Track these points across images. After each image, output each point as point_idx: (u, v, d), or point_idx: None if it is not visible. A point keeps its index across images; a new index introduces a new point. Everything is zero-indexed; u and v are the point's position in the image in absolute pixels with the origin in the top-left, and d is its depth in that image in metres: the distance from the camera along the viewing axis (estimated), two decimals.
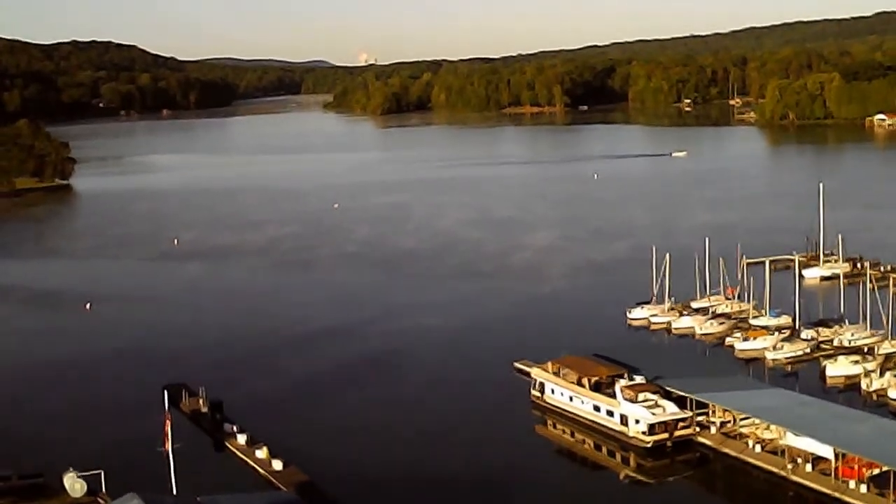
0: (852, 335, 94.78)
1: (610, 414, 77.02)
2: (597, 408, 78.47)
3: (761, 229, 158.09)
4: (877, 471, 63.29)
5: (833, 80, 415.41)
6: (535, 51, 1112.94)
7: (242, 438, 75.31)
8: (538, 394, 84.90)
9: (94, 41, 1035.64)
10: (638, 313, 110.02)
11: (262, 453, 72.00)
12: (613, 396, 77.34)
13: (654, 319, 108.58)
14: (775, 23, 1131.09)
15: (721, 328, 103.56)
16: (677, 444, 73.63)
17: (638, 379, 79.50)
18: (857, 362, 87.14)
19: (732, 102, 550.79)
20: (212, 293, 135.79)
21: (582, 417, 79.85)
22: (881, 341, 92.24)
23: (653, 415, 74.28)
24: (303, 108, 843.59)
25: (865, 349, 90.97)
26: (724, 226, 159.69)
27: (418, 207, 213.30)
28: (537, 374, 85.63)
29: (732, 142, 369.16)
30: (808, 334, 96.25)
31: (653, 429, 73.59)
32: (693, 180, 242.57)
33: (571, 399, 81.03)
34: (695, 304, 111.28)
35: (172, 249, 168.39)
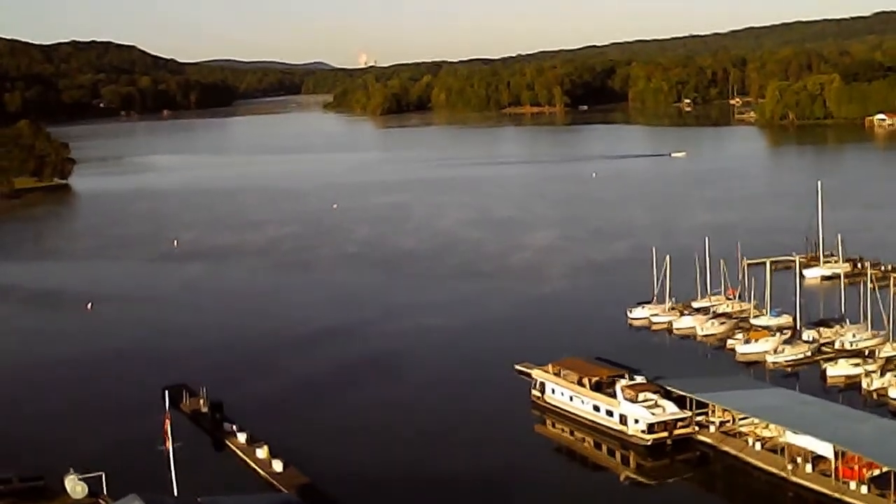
0: (854, 336, 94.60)
1: (610, 413, 77.01)
2: (597, 407, 78.43)
3: (761, 229, 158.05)
4: (877, 472, 63.28)
5: (833, 80, 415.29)
6: (535, 51, 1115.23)
7: (243, 438, 75.39)
8: (538, 394, 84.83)
9: (93, 42, 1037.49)
10: (638, 313, 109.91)
11: (262, 453, 72.05)
12: (614, 396, 77.37)
13: (654, 319, 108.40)
14: (775, 23, 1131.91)
15: (722, 328, 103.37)
16: (677, 444, 73.64)
17: (638, 379, 79.47)
18: (857, 364, 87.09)
19: (732, 103, 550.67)
20: (212, 293, 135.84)
21: (582, 417, 79.82)
22: (882, 343, 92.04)
23: (652, 414, 74.30)
24: (303, 109, 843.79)
25: (867, 352, 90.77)
26: (724, 226, 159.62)
27: (418, 207, 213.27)
28: (538, 374, 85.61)
29: (732, 142, 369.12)
30: (809, 335, 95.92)
31: (652, 428, 73.61)
32: (693, 180, 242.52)
33: (571, 399, 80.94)
34: (696, 304, 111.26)
35: (172, 249, 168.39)
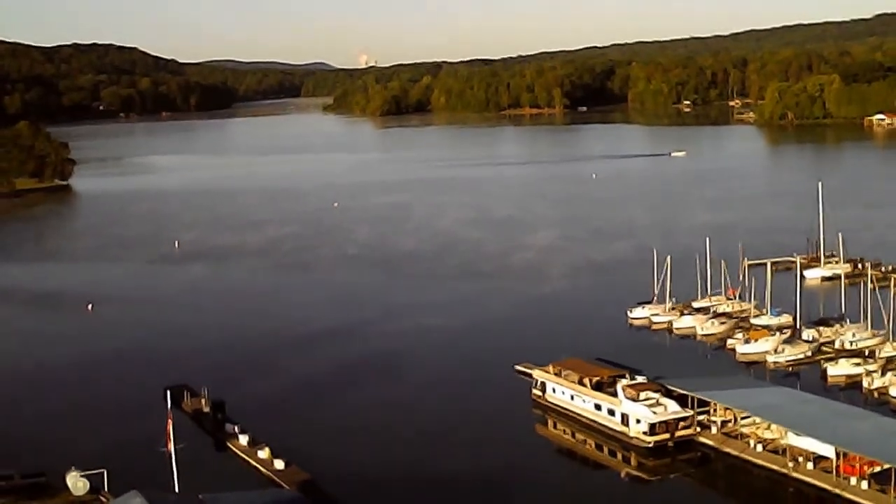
0: (854, 336, 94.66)
1: (611, 413, 76.75)
2: (598, 407, 78.18)
3: (761, 229, 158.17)
4: (878, 468, 63.37)
5: (833, 81, 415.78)
6: (535, 52, 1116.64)
7: (244, 438, 75.34)
8: (539, 393, 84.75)
9: (94, 43, 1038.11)
10: (639, 313, 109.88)
11: (263, 453, 72.05)
12: (615, 396, 77.21)
13: (655, 319, 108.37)
14: (775, 25, 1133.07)
15: (722, 328, 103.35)
16: (678, 444, 73.48)
17: (640, 379, 79.26)
18: (858, 364, 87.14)
19: (732, 104, 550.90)
20: (213, 294, 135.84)
21: (583, 416, 79.70)
22: (883, 343, 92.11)
23: (654, 413, 73.96)
24: (302, 111, 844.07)
25: (867, 352, 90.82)
26: (725, 225, 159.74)
27: (418, 207, 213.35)
28: (539, 375, 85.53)
29: (731, 141, 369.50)
30: (809, 335, 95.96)
31: (654, 428, 73.21)
32: (692, 180, 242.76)
33: (573, 398, 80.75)
34: (696, 304, 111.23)
35: (173, 250, 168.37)
